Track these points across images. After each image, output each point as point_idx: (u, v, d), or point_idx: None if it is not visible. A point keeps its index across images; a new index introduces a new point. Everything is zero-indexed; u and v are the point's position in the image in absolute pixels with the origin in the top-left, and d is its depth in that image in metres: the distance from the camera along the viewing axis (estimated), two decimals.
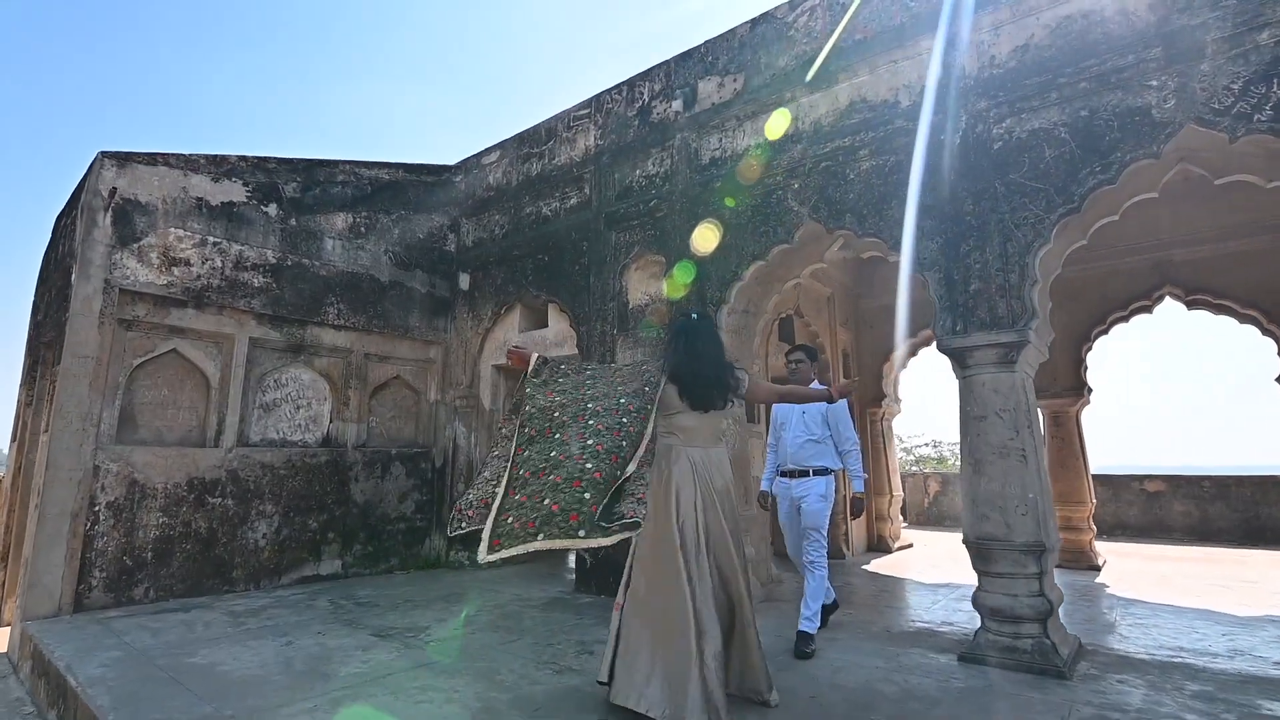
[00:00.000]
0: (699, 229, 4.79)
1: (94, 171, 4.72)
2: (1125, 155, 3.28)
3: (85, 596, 4.38)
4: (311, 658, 3.38)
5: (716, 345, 2.80)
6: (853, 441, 3.72)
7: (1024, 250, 3.47)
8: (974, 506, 3.44)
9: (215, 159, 5.27)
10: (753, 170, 4.59)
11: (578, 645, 3.60)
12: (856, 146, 4.15)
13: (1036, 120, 3.55)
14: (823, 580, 3.59)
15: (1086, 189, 3.35)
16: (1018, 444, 3.39)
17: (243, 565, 5.10)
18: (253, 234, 5.40)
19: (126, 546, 4.58)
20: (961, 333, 3.57)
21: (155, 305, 4.88)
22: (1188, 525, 8.35)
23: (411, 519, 6.26)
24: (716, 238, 4.72)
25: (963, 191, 3.68)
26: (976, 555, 3.43)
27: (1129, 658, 3.47)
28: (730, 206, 4.67)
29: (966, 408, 3.55)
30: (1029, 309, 3.43)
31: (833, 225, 4.19)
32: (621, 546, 2.65)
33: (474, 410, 6.49)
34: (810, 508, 3.59)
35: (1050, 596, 3.30)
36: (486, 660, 3.33)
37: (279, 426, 5.53)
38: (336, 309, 5.85)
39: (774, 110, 4.59)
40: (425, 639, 3.73)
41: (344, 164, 6.08)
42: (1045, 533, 3.32)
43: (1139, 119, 3.28)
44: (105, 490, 4.53)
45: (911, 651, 3.55)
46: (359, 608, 4.54)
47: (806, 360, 3.90)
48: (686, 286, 4.86)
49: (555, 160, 6.08)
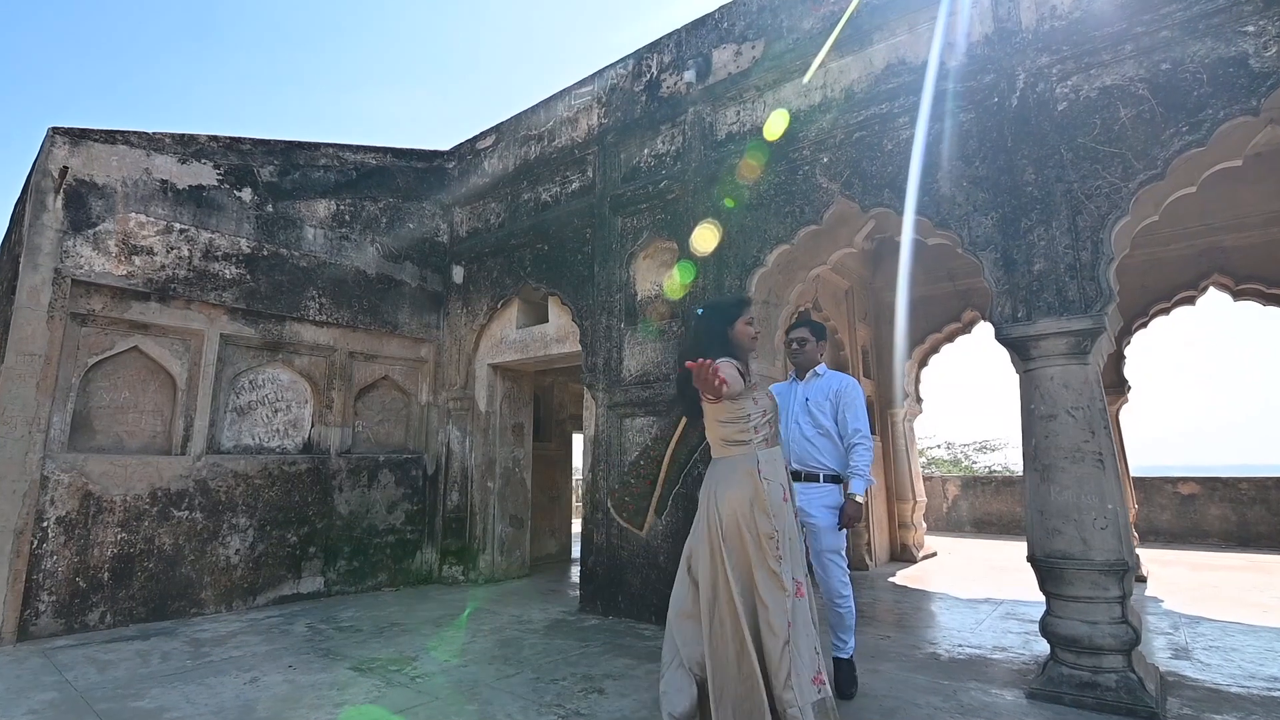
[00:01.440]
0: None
1: (44, 149, 4.25)
2: (1218, 112, 2.84)
3: (31, 623, 3.90)
4: (276, 700, 2.91)
5: (693, 341, 2.43)
6: (862, 434, 2.95)
7: (1097, 224, 3.02)
8: (1043, 519, 2.99)
9: (182, 138, 4.80)
10: (775, 145, 4.13)
11: (584, 681, 3.13)
12: (894, 114, 3.70)
13: (1108, 76, 3.11)
14: (853, 613, 2.94)
15: (1172, 152, 2.90)
16: (1093, 447, 2.93)
17: (213, 585, 4.62)
18: (224, 221, 4.93)
19: (79, 566, 4.10)
20: (1025, 320, 3.11)
21: (113, 298, 4.41)
22: (1225, 530, 7.91)
23: (401, 531, 5.79)
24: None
25: (1022, 160, 3.23)
26: (1047, 575, 2.97)
27: (1220, 691, 3.01)
28: (748, 187, 4.22)
29: (1031, 406, 3.10)
30: (1104, 291, 2.98)
31: (869, 203, 3.73)
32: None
33: (469, 413, 6.02)
34: (824, 522, 2.90)
35: (1134, 624, 2.85)
36: (480, 702, 2.86)
37: (254, 432, 5.05)
38: (318, 303, 5.39)
39: (797, 78, 4.15)
40: (411, 673, 3.26)
41: (326, 147, 5.62)
42: (1128, 549, 2.87)
43: (1233, 70, 2.84)
44: (55, 504, 4.05)
45: (969, 686, 3.08)
46: (340, 633, 4.07)
47: (812, 339, 3.14)
48: (686, 287, 4.42)
49: (555, 142, 5.62)
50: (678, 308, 4.54)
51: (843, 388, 3.03)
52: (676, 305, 4.55)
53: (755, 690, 1.98)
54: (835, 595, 2.93)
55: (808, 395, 3.06)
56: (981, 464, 14.41)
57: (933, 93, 3.58)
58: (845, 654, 2.92)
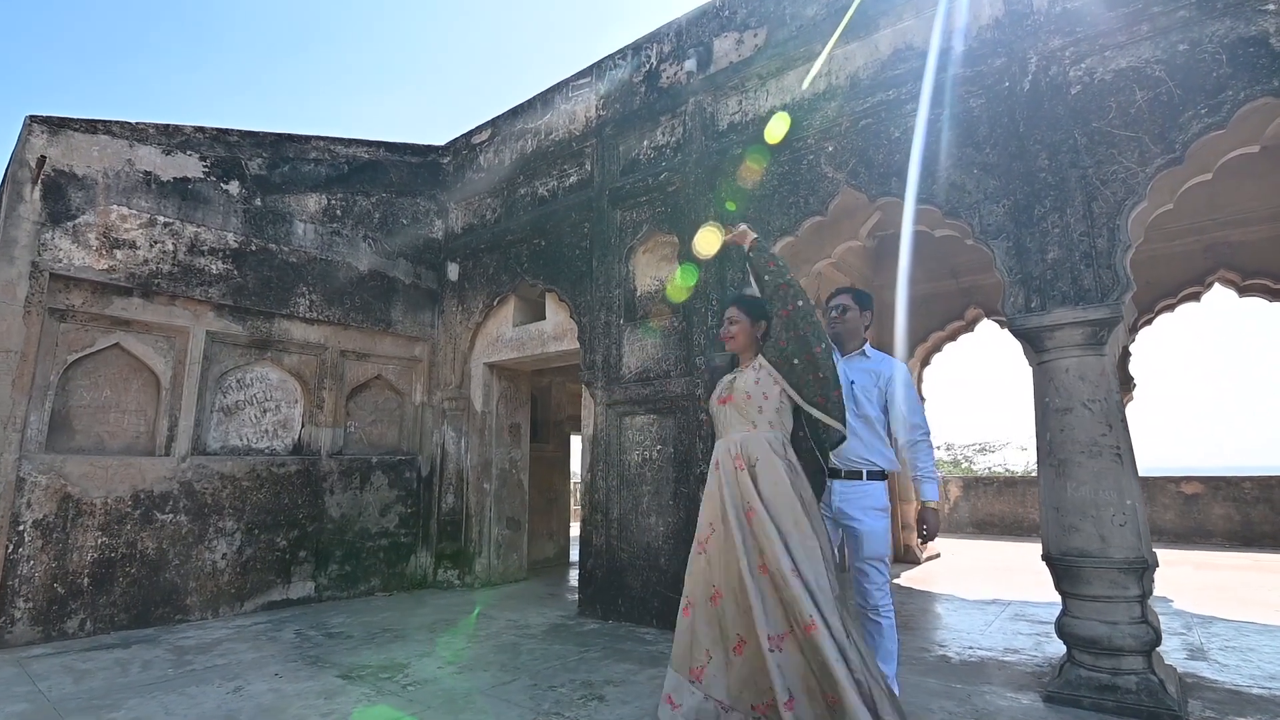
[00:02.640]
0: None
1: (22, 138, 4.11)
2: (1239, 93, 2.75)
3: (6, 631, 3.74)
4: (261, 710, 2.76)
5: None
6: (923, 430, 2.59)
7: (1114, 210, 2.93)
8: (1059, 516, 2.88)
9: (167, 129, 4.66)
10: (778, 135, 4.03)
11: (584, 688, 3.00)
12: (901, 100, 3.60)
13: (1124, 58, 3.01)
14: (895, 632, 2.53)
15: (1191, 135, 2.81)
16: (1111, 441, 2.83)
17: (198, 590, 4.46)
18: (211, 214, 4.79)
19: (58, 572, 3.94)
20: (1039, 310, 3.01)
21: (94, 293, 4.26)
22: (1228, 530, 7.83)
23: (395, 534, 5.64)
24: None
25: (1035, 145, 3.14)
26: (1063, 574, 2.86)
27: (1241, 693, 2.91)
28: (751, 178, 4.11)
29: (1046, 399, 2.99)
30: (1121, 279, 2.88)
31: (875, 192, 3.63)
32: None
33: (464, 413, 5.89)
34: (867, 527, 2.51)
35: (1154, 624, 2.74)
36: (474, 711, 2.72)
37: (242, 432, 4.90)
38: (308, 300, 5.25)
39: (801, 66, 4.04)
40: (402, 681, 3.12)
41: (317, 140, 5.49)
42: (1147, 547, 2.77)
43: (1254, 50, 2.75)
44: (32, 506, 3.90)
45: (983, 689, 2.97)
46: (329, 640, 3.92)
47: (855, 307, 2.78)
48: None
49: (553, 136, 5.51)
50: (679, 303, 4.42)
51: (896, 374, 2.63)
52: (677, 300, 4.43)
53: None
54: (876, 608, 2.51)
55: (853, 378, 2.64)
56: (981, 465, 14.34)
57: (941, 78, 3.48)
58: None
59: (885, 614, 2.51)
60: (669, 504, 4.22)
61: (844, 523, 2.56)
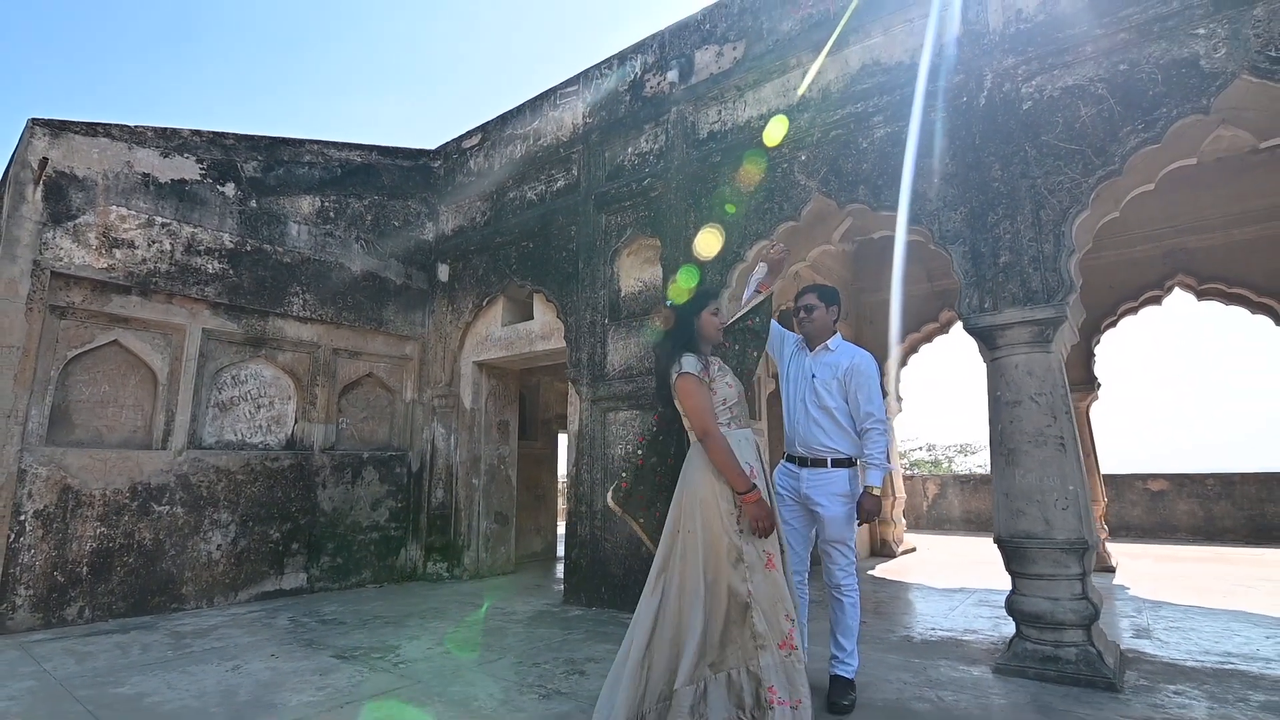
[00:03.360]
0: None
1: (24, 140, 4.24)
2: (1171, 111, 2.98)
3: (8, 617, 3.86)
4: (259, 685, 2.92)
5: (662, 334, 2.55)
6: (876, 418, 2.66)
7: (1059, 218, 3.16)
8: (1008, 501, 3.10)
9: (165, 132, 4.80)
10: (755, 143, 4.24)
11: (567, 664, 3.18)
12: (869, 113, 3.83)
13: (1070, 77, 3.25)
14: (858, 610, 2.70)
15: (1128, 149, 3.05)
16: (1055, 431, 3.05)
17: (194, 580, 4.60)
18: (207, 215, 4.93)
19: (58, 561, 4.07)
20: (991, 310, 3.24)
21: (94, 291, 4.39)
22: (1193, 525, 8.14)
23: (385, 528, 5.79)
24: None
25: (989, 157, 3.37)
26: (1012, 555, 3.08)
27: (1177, 665, 3.14)
28: (738, 185, 4.32)
29: (997, 393, 3.21)
30: (1065, 281, 3.11)
31: (845, 200, 3.85)
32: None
33: (454, 410, 6.05)
34: (831, 512, 2.64)
35: (1093, 600, 2.97)
36: (462, 684, 2.90)
37: (237, 427, 5.04)
38: (302, 299, 5.39)
39: (777, 78, 4.26)
40: (394, 660, 3.29)
41: (311, 143, 5.64)
42: (1088, 529, 2.99)
43: (1185, 71, 2.99)
44: (33, 497, 4.02)
45: (939, 663, 3.18)
46: (323, 625, 4.08)
47: (821, 305, 2.86)
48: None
49: (541, 141, 5.70)
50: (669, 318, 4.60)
51: (854, 365, 2.73)
52: (658, 301, 4.63)
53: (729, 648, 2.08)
54: (840, 587, 2.69)
55: (815, 371, 2.78)
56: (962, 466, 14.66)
57: (905, 93, 3.71)
58: (849, 671, 2.63)
59: (848, 593, 2.70)
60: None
61: (810, 507, 2.73)
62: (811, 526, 2.78)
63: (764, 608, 2.12)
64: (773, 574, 2.18)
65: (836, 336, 2.90)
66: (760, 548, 2.20)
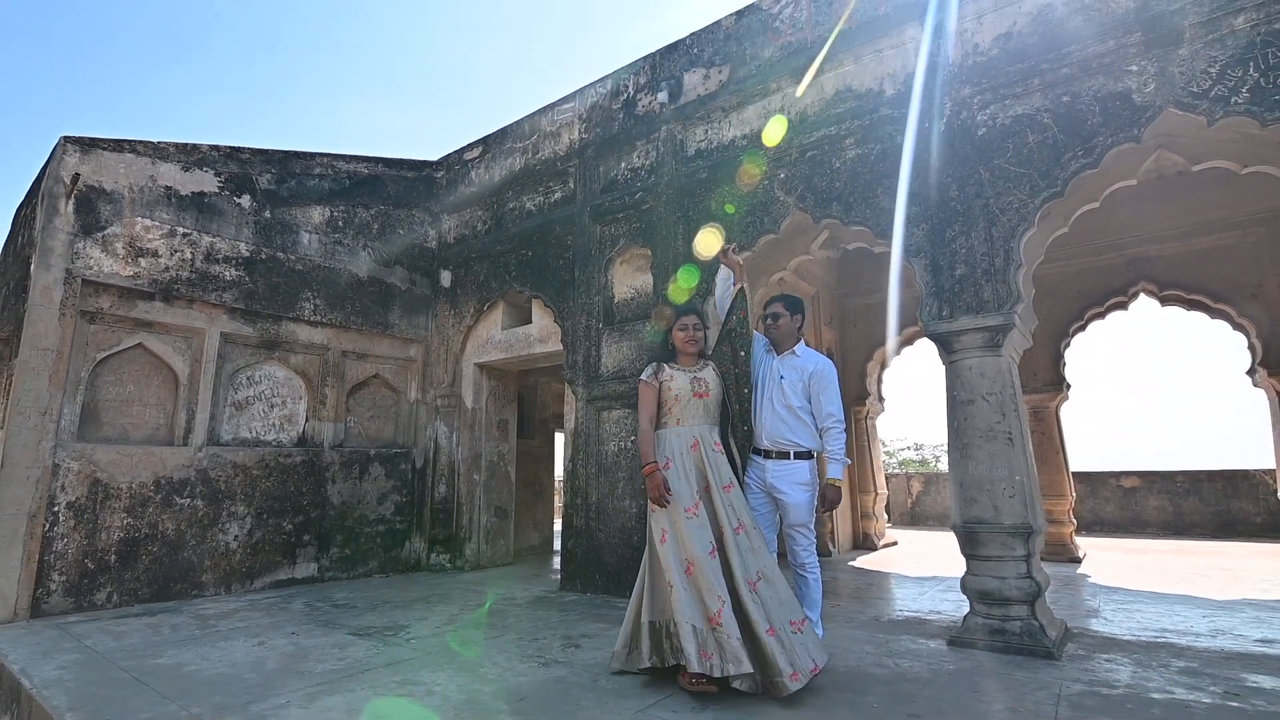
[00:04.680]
0: (701, 233, 4.66)
1: (56, 157, 4.54)
2: (1107, 139, 3.32)
3: (43, 601, 4.16)
4: (285, 656, 3.23)
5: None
6: (835, 418, 3.03)
7: (1009, 235, 3.49)
8: (961, 490, 3.43)
9: (185, 147, 5.11)
10: (739, 161, 4.57)
11: (563, 639, 3.50)
12: (842, 135, 4.16)
13: (1020, 106, 3.59)
14: (819, 584, 3.07)
15: (1069, 173, 3.38)
16: (1004, 427, 3.38)
17: (213, 568, 4.90)
18: (225, 226, 5.24)
19: (88, 549, 4.37)
20: (948, 317, 3.57)
21: (120, 297, 4.69)
22: (1162, 520, 8.50)
23: (391, 521, 6.10)
24: (718, 241, 4.58)
25: (948, 178, 3.70)
26: (965, 539, 3.41)
27: (1115, 639, 3.48)
28: (722, 200, 4.64)
29: (953, 392, 3.54)
30: (1014, 293, 3.44)
31: (819, 215, 4.18)
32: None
33: (456, 409, 6.36)
34: (793, 499, 3.00)
35: (1038, 579, 3.29)
36: (470, 655, 3.21)
37: (252, 425, 5.34)
38: (313, 304, 5.70)
39: (759, 101, 4.60)
40: (405, 637, 3.60)
41: (321, 156, 5.95)
42: (1033, 515, 3.32)
43: (1119, 103, 3.33)
44: (65, 490, 4.32)
45: (901, 638, 3.51)
46: (336, 609, 4.38)
47: (786, 314, 3.20)
48: (690, 291, 4.70)
49: (539, 155, 6.01)
50: (650, 309, 4.94)
51: (817, 370, 3.07)
52: (649, 306, 4.95)
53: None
54: (803, 565, 3.07)
55: (782, 374, 3.10)
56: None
57: (875, 117, 4.04)
58: None
59: (810, 570, 3.06)
60: (641, 489, 4.71)
61: (774, 495, 3.06)
62: (776, 513, 3.11)
63: (651, 574, 2.68)
64: (662, 547, 2.66)
65: (802, 343, 3.24)
66: (658, 523, 2.70)
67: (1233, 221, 5.93)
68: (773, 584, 2.63)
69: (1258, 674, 2.85)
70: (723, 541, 2.67)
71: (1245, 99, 3.05)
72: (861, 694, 2.62)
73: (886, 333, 7.71)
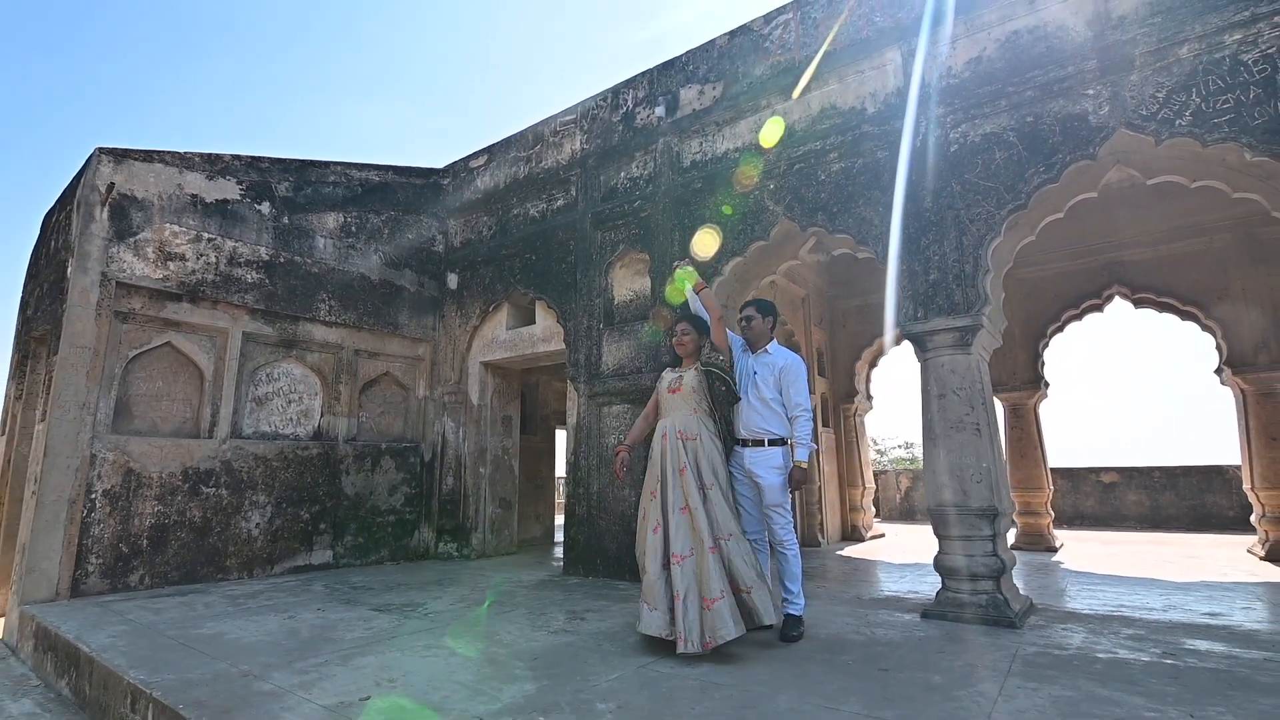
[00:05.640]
0: (699, 234, 4.95)
1: (91, 167, 4.84)
2: (1066, 157, 3.65)
3: (82, 582, 4.45)
4: (316, 627, 3.54)
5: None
6: (803, 407, 3.29)
7: (977, 243, 3.81)
8: (934, 477, 3.75)
9: (210, 157, 5.41)
10: (731, 172, 4.88)
11: (569, 614, 3.81)
12: (827, 150, 4.48)
13: (988, 125, 3.91)
14: (798, 560, 3.32)
15: (1032, 187, 3.71)
16: (973, 419, 3.70)
17: (236, 554, 5.19)
18: (246, 231, 5.54)
19: (122, 534, 4.66)
20: (922, 319, 3.89)
21: (151, 299, 4.99)
22: (1140, 514, 8.83)
23: (401, 511, 6.40)
24: (717, 243, 4.87)
25: (923, 190, 4.02)
26: (937, 521, 3.72)
27: (1075, 613, 3.80)
28: (716, 208, 4.96)
29: (927, 387, 3.86)
30: (982, 296, 3.76)
31: (806, 223, 4.49)
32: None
33: (462, 406, 6.66)
34: (768, 482, 3.27)
35: (1003, 557, 3.61)
36: (484, 626, 3.52)
37: (271, 419, 5.64)
38: (328, 306, 6.00)
39: (750, 116, 4.92)
40: (423, 612, 3.90)
41: (335, 165, 6.25)
42: (999, 498, 3.64)
43: (1077, 124, 3.65)
44: (101, 478, 4.61)
45: (879, 612, 3.83)
46: (354, 590, 4.68)
47: (758, 315, 3.51)
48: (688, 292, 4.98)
49: (542, 164, 6.32)
50: (648, 310, 5.25)
51: (786, 365, 3.37)
52: (648, 308, 5.26)
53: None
54: (781, 543, 3.31)
55: (756, 370, 3.41)
56: None
57: (857, 134, 4.36)
58: (798, 610, 3.25)
59: (789, 547, 3.33)
60: (639, 479, 5.02)
61: (754, 479, 3.35)
62: (758, 495, 3.40)
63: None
64: (642, 522, 3.15)
65: (774, 342, 3.55)
66: (643, 502, 3.18)
67: (1201, 228, 6.27)
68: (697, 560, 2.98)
69: (1196, 639, 3.17)
70: (666, 520, 3.07)
71: (1188, 121, 3.38)
72: (838, 654, 2.94)
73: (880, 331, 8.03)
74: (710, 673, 2.67)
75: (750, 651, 2.95)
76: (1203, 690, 2.41)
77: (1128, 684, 2.49)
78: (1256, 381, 5.99)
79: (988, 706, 2.26)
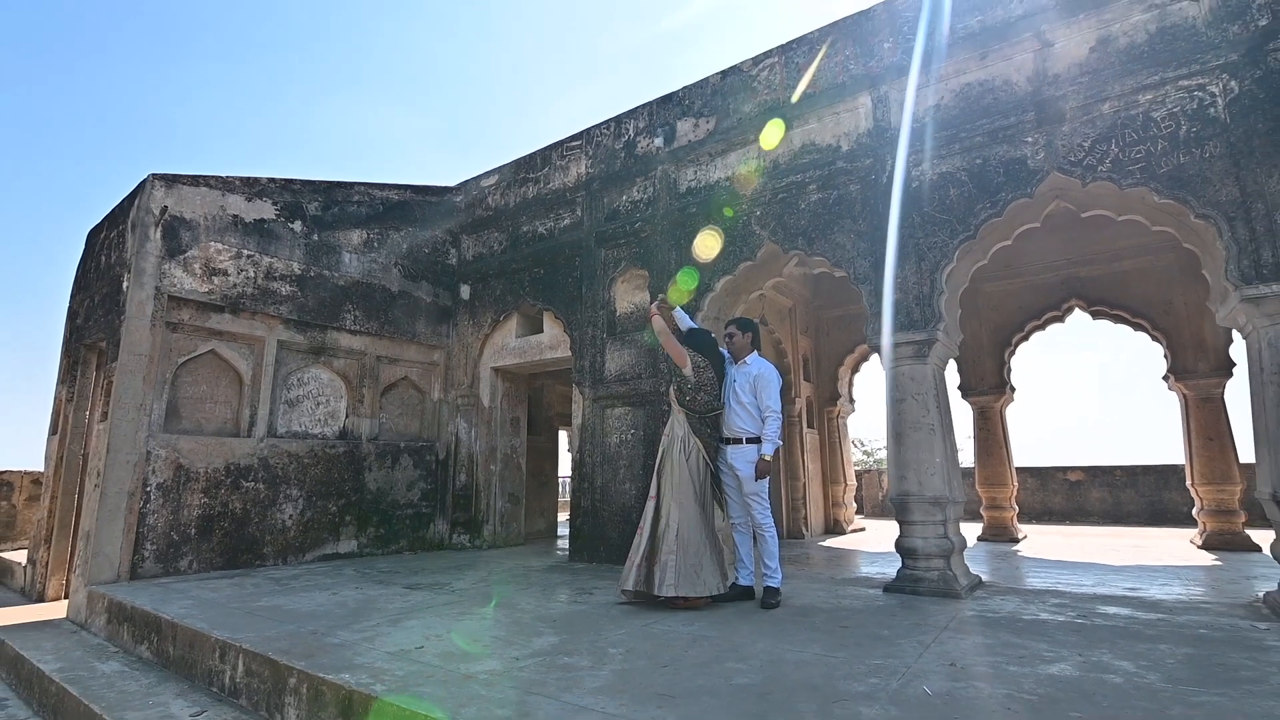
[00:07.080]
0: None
1: (145, 190, 5.36)
2: (1008, 195, 4.24)
3: (139, 566, 4.97)
4: (359, 600, 4.07)
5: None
6: (773, 409, 3.85)
7: (933, 268, 4.40)
8: (896, 470, 4.33)
9: (249, 180, 5.94)
10: (723, 199, 5.46)
11: (578, 590, 4.37)
12: (806, 182, 5.06)
13: (944, 165, 4.50)
14: (776, 540, 3.86)
15: (980, 220, 4.30)
16: (929, 420, 4.29)
17: (272, 542, 5.72)
18: (280, 248, 6.07)
19: (173, 523, 5.18)
20: (886, 333, 4.47)
21: (197, 310, 5.51)
22: (1104, 510, 9.47)
23: (418, 505, 6.93)
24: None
25: (888, 220, 4.60)
26: (898, 508, 4.30)
27: (1015, 589, 4.37)
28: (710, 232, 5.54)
29: (891, 393, 4.44)
30: (937, 314, 4.34)
31: (787, 247, 5.07)
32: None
33: (474, 408, 7.19)
34: (746, 474, 3.85)
35: (953, 539, 4.19)
36: (506, 599, 4.07)
37: (302, 420, 6.17)
38: (353, 315, 6.53)
39: (740, 149, 5.50)
40: (450, 589, 4.45)
41: (359, 185, 6.79)
42: (950, 488, 4.22)
43: (1018, 167, 4.25)
44: (156, 473, 5.13)
45: (849, 588, 4.40)
46: (383, 574, 5.22)
47: (739, 332, 4.10)
48: (690, 293, 5.52)
49: (550, 185, 6.88)
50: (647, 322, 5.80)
51: (760, 374, 3.95)
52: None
53: None
54: (760, 525, 3.91)
55: (736, 378, 4.03)
56: None
57: (833, 169, 4.94)
58: (775, 583, 3.84)
59: (768, 529, 3.92)
60: (639, 474, 5.60)
61: (734, 472, 3.95)
62: (739, 484, 3.98)
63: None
64: (646, 505, 3.85)
65: (754, 354, 4.13)
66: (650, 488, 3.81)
67: (1148, 248, 6.89)
68: (679, 532, 3.71)
69: (1109, 606, 3.75)
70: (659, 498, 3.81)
71: (1108, 168, 3.97)
72: (808, 617, 3.50)
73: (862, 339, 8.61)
74: (702, 629, 3.24)
75: (735, 616, 3.52)
76: (1097, 639, 2.99)
77: (1039, 636, 3.06)
78: (1197, 387, 6.61)
79: (921, 650, 2.83)
